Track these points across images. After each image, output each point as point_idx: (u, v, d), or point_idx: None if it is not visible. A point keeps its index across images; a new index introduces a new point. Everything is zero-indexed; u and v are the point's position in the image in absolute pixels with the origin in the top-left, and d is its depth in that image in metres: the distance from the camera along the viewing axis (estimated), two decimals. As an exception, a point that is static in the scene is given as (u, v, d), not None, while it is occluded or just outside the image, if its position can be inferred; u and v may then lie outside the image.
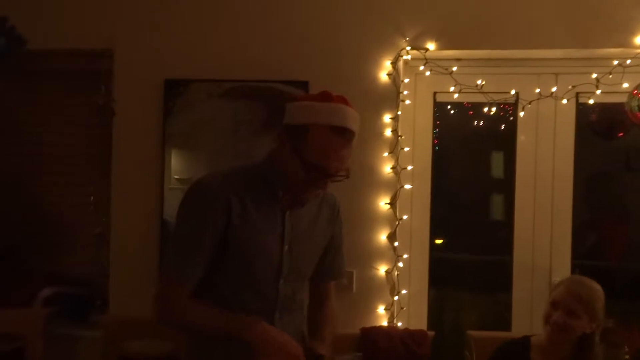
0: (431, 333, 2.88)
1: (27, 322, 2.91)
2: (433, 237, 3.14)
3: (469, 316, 3.39)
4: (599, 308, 2.22)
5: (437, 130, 3.18)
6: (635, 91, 2.41)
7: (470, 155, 3.73)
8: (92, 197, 3.23)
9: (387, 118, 2.92)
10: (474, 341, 2.67)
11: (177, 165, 3.12)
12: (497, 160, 3.78)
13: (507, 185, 3.19)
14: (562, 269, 2.97)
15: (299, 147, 1.59)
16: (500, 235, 3.23)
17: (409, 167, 2.94)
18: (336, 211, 1.84)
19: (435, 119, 3.12)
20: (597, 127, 3.05)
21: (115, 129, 3.10)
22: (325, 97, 1.61)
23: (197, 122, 3.07)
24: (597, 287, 2.28)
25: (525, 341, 2.25)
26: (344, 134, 1.58)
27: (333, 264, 1.88)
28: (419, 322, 3.04)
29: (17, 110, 3.37)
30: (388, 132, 2.92)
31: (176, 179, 3.11)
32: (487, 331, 2.87)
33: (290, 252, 1.72)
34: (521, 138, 3.02)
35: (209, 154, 3.08)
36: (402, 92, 2.92)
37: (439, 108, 3.18)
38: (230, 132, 3.05)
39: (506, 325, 3.04)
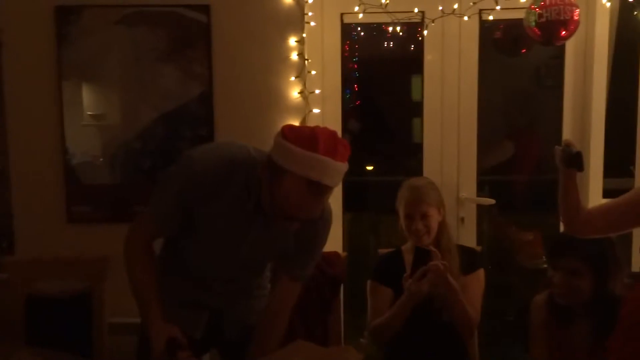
0: (344, 254, 2.93)
1: None
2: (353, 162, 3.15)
3: (384, 236, 3.48)
4: (439, 196, 2.42)
5: (357, 57, 3.13)
6: (532, 6, 2.41)
7: (392, 79, 3.73)
8: (-13, 135, 3.05)
9: (292, 41, 2.84)
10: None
11: (89, 100, 2.97)
12: (416, 83, 3.80)
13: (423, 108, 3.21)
14: (468, 185, 3.06)
15: (273, 184, 1.56)
16: (419, 157, 3.28)
17: (317, 91, 2.89)
18: (323, 220, 1.77)
19: (353, 42, 3.06)
20: (500, 44, 3.07)
21: (4, 60, 2.89)
22: (312, 144, 1.50)
23: (95, 51, 2.90)
24: (428, 180, 2.51)
25: (397, 250, 2.50)
26: (318, 189, 1.52)
27: (295, 260, 1.83)
28: (335, 245, 3.09)
29: None
30: (294, 56, 2.85)
31: (89, 115, 2.97)
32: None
33: (249, 251, 1.77)
34: (428, 58, 3.02)
35: (116, 86, 2.94)
36: (306, 14, 2.83)
37: (352, 31, 3.11)
38: (132, 61, 2.91)
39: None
